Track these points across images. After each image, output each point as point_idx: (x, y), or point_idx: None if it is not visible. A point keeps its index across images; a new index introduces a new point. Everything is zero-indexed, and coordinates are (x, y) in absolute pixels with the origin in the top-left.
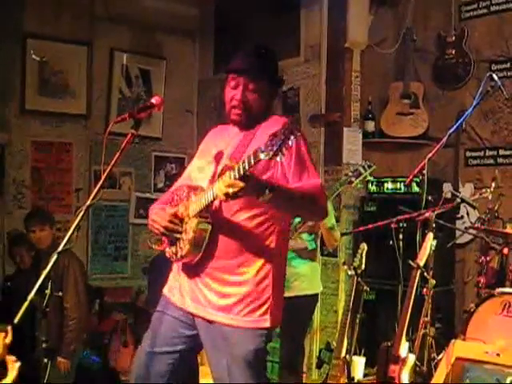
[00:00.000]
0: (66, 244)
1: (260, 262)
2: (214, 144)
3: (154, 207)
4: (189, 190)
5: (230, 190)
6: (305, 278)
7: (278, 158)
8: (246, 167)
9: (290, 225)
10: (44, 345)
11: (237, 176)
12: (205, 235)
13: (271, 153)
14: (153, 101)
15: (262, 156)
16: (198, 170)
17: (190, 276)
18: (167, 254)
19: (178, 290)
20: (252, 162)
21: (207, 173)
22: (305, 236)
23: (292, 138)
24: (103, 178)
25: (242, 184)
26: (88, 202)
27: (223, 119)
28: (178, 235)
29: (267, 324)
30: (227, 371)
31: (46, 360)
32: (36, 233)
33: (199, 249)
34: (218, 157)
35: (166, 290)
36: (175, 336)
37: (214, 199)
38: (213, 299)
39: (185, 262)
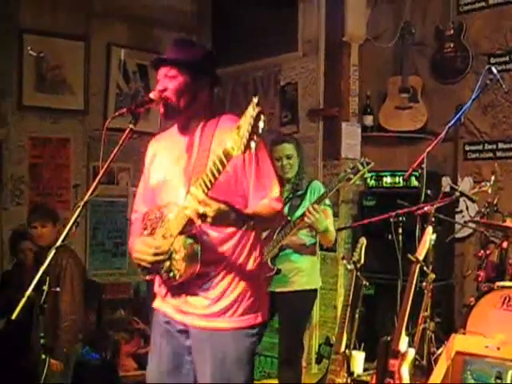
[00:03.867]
0: (63, 240)
1: (244, 262)
2: (169, 156)
3: (132, 242)
4: (161, 211)
5: (201, 210)
6: (304, 273)
7: (252, 150)
8: (220, 168)
9: None
10: (42, 341)
11: (208, 183)
12: (196, 247)
13: (243, 146)
14: (151, 95)
15: (233, 152)
16: (162, 186)
17: (178, 287)
18: (165, 280)
19: (169, 301)
20: (224, 160)
21: (174, 188)
22: (303, 232)
23: (261, 122)
24: (101, 173)
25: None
26: (85, 198)
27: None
28: (168, 262)
29: (259, 320)
30: (211, 377)
31: (44, 356)
32: (37, 229)
33: (196, 261)
34: (182, 170)
35: (158, 304)
36: (179, 348)
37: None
38: (201, 305)
39: (185, 280)
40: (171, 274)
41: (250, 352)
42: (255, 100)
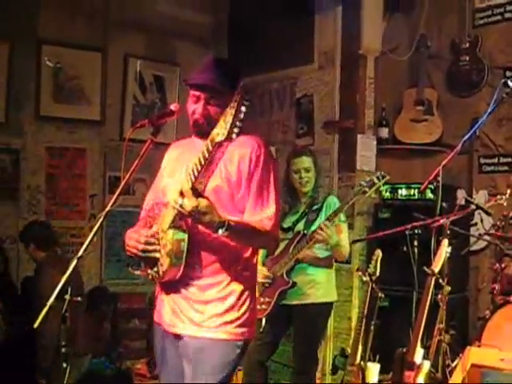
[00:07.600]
0: (85, 250)
1: (237, 271)
2: (183, 161)
3: (128, 231)
4: (160, 207)
5: (180, 201)
6: (320, 285)
7: (233, 135)
8: (206, 155)
9: None
10: (64, 349)
11: (196, 172)
12: (183, 245)
13: (226, 131)
14: (172, 108)
15: (217, 138)
16: (169, 188)
17: (170, 293)
18: (150, 277)
19: (163, 312)
20: (210, 147)
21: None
22: (317, 245)
23: (243, 108)
24: (122, 184)
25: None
26: (107, 209)
27: None
28: (158, 254)
29: (246, 336)
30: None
31: (65, 365)
32: None
33: (180, 261)
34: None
35: (156, 318)
36: (174, 353)
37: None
38: (191, 314)
39: (168, 280)
40: (155, 270)
41: (234, 365)
42: (240, 86)
